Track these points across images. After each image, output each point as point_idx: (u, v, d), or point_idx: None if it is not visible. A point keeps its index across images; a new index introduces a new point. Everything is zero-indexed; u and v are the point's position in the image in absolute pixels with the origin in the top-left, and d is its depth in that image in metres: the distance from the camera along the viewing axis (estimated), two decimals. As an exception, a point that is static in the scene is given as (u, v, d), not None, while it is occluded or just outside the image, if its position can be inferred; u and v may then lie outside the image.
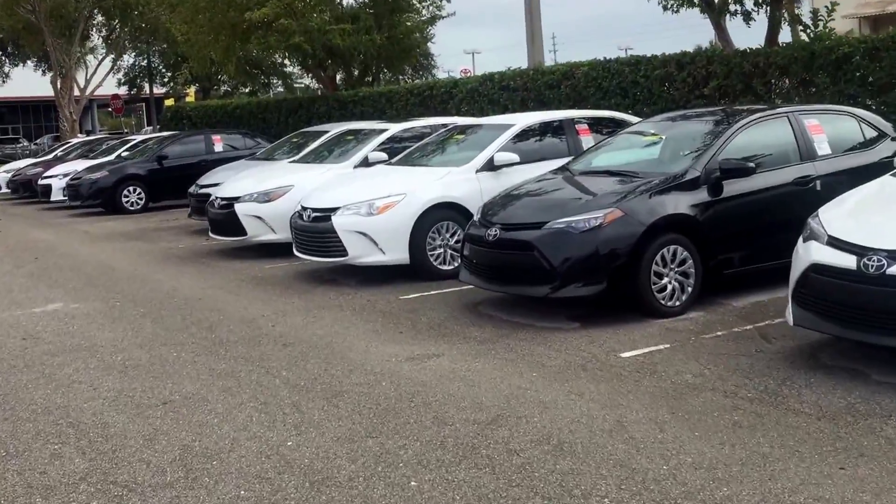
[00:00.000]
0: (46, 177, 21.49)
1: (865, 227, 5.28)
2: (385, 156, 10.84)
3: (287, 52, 21.35)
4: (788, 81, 11.73)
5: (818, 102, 10.14)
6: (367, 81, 22.69)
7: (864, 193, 5.85)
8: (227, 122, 25.19)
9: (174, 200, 17.93)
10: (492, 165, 9.09)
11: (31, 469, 4.49)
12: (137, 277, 10.12)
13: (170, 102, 41.82)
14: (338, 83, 22.66)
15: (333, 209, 8.99)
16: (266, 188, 11.08)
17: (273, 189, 10.99)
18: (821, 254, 5.24)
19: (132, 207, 18.40)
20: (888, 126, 8.29)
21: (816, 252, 5.28)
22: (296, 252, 9.55)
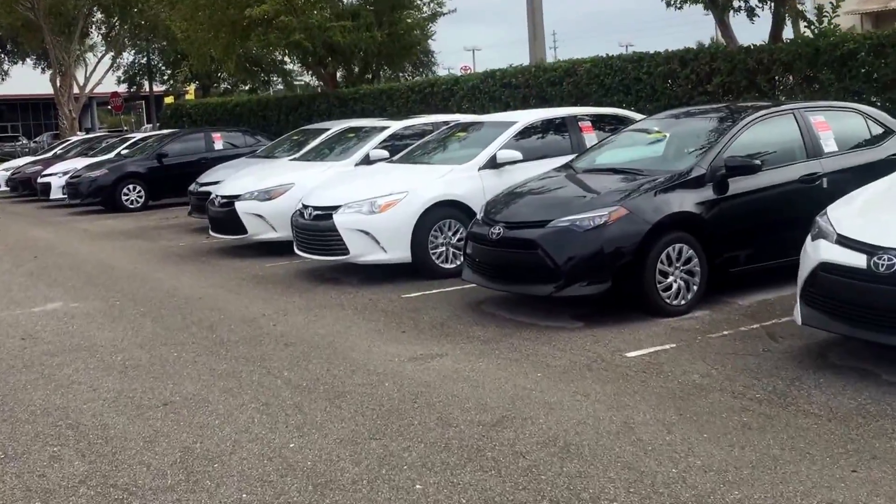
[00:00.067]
0: (46, 175, 21.44)
1: (875, 226, 5.22)
2: (386, 153, 10.79)
3: (287, 50, 21.29)
4: (792, 78, 11.65)
5: (823, 99, 10.06)
6: (368, 79, 22.63)
7: (874, 191, 5.78)
8: (227, 120, 25.12)
9: (174, 198, 17.88)
10: (494, 163, 9.02)
11: (30, 472, 4.42)
12: (137, 276, 10.06)
13: (169, 100, 41.81)
14: (338, 80, 22.59)
15: (335, 207, 8.93)
16: (267, 186, 11.03)
17: (274, 187, 10.95)
18: (830, 252, 5.18)
19: (132, 206, 18.35)
20: (894, 122, 8.22)
21: (825, 251, 5.22)
22: (297, 250, 9.49)
